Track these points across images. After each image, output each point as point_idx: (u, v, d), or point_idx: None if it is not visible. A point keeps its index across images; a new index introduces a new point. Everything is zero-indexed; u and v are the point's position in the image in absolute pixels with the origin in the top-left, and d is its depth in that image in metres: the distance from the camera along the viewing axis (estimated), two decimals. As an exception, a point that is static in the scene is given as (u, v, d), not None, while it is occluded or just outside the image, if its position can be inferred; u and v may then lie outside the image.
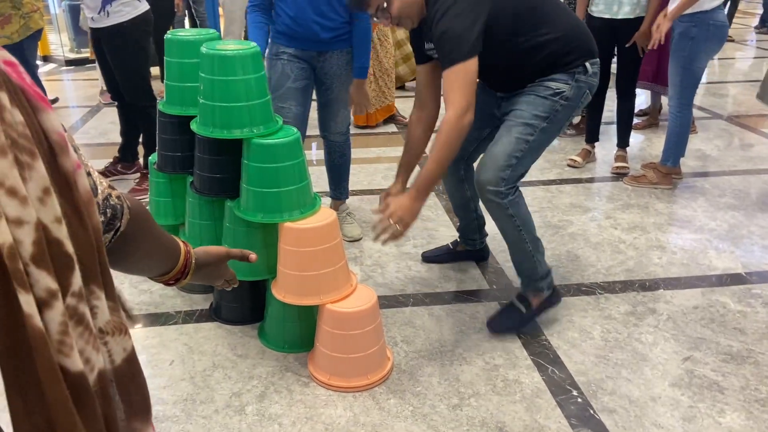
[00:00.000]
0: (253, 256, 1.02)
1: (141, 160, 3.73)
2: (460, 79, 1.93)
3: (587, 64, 2.09)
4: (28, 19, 3.14)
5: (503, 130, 2.12)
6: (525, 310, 2.27)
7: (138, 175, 3.67)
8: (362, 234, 3.03)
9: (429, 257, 2.83)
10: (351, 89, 2.79)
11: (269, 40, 2.78)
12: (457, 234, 2.82)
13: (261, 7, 2.66)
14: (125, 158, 3.76)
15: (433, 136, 2.19)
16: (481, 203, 2.38)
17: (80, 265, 0.48)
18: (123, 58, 3.31)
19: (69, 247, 0.47)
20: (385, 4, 2.02)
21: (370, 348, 2.03)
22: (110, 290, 0.54)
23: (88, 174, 0.60)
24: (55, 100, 5.32)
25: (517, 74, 2.14)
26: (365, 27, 2.69)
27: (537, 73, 2.11)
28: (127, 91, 3.41)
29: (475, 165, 2.30)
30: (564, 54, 2.07)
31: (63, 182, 0.49)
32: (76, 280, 0.48)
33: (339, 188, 3.12)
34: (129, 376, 0.57)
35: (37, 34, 3.24)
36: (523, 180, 2.21)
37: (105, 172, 3.74)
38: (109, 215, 0.68)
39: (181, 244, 0.90)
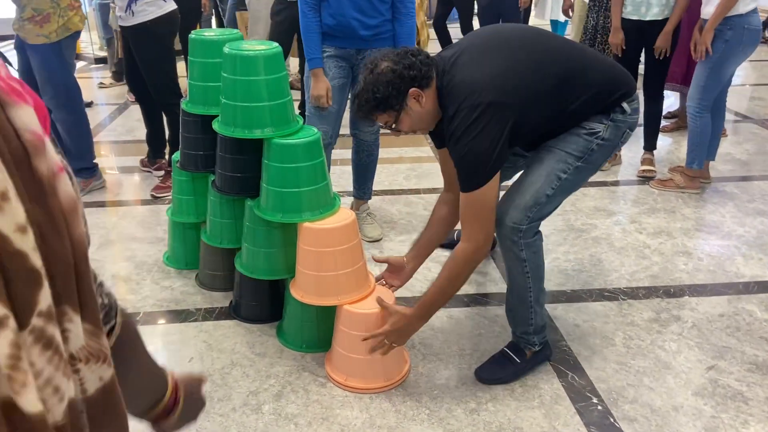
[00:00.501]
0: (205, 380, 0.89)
1: (166, 158, 3.78)
2: (478, 209, 1.77)
3: (624, 105, 1.88)
4: (66, 20, 3.18)
5: (534, 163, 1.93)
6: (519, 360, 2.07)
7: (162, 172, 3.72)
8: (382, 234, 3.02)
9: (446, 244, 2.80)
10: None
11: None
12: None
13: (314, 7, 2.61)
14: (156, 153, 3.85)
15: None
16: None
17: (51, 282, 0.43)
18: (147, 57, 3.36)
19: (36, 261, 0.41)
20: (393, 125, 1.85)
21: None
22: (90, 312, 0.48)
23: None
24: (89, 104, 5.33)
25: (552, 134, 1.92)
26: (409, 27, 2.62)
27: (572, 126, 1.90)
28: (153, 88, 3.47)
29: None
30: (600, 104, 1.87)
31: (37, 187, 0.43)
32: (45, 299, 0.42)
33: (363, 188, 3.11)
34: (102, 408, 0.50)
35: (76, 35, 3.30)
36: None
37: (168, 186, 3.72)
38: (105, 302, 0.60)
39: (167, 370, 0.76)
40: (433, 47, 5.08)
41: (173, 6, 3.35)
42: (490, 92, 1.72)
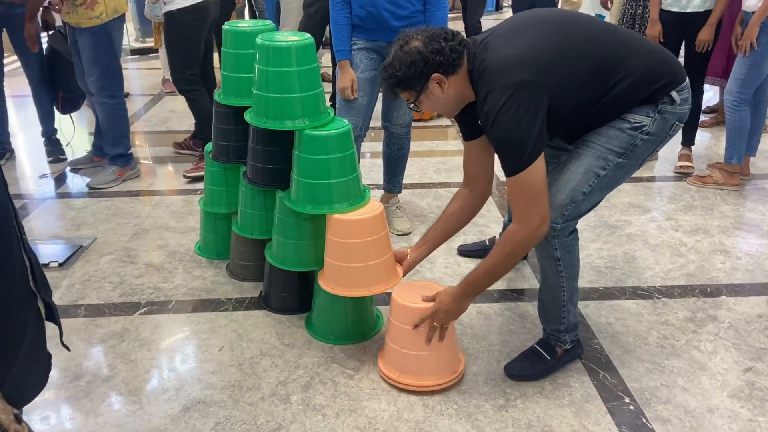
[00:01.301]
0: None
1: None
2: (526, 191, 1.69)
3: (674, 94, 1.77)
4: (113, 0, 3.26)
5: (572, 159, 1.85)
6: (549, 357, 2.04)
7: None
8: (412, 228, 3.00)
9: (464, 251, 2.80)
10: None
11: None
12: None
13: (345, 1, 2.61)
14: (195, 134, 4.01)
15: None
16: None
17: None
18: (170, 45, 3.56)
19: None
20: (411, 105, 1.83)
21: (443, 348, 1.96)
22: None
23: None
24: (126, 95, 5.40)
25: (593, 125, 1.84)
26: (441, 17, 2.57)
27: (614, 116, 1.81)
28: (172, 76, 3.68)
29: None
30: (643, 91, 1.77)
31: None
32: None
33: (393, 181, 3.09)
34: None
35: (123, 18, 3.38)
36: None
37: (182, 145, 4.03)
38: None
39: None
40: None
41: None
42: (522, 71, 1.66)
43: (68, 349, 1.33)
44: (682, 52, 3.64)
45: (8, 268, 1.01)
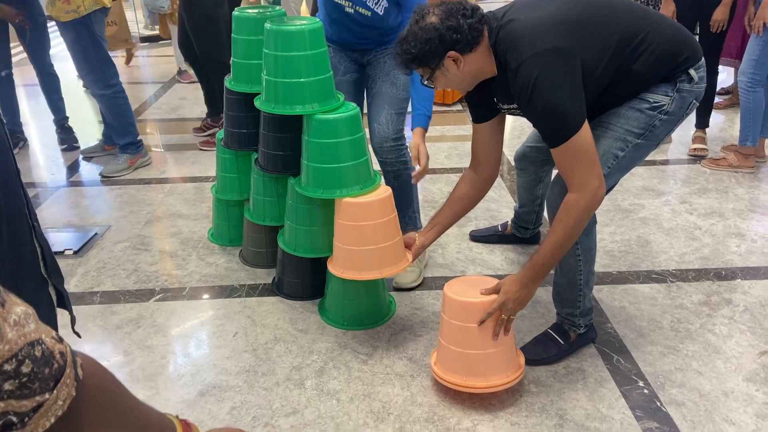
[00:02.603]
0: None
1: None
2: (579, 157, 1.64)
3: (692, 72, 1.76)
4: None
5: None
6: (563, 342, 2.03)
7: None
8: (417, 280, 2.47)
9: (476, 237, 2.79)
10: (411, 142, 2.23)
11: None
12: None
13: None
14: (210, 113, 4.12)
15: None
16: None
17: None
18: (194, 27, 3.69)
19: None
20: (425, 81, 1.79)
21: (508, 342, 1.86)
22: None
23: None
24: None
25: (612, 102, 1.82)
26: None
27: (633, 94, 1.79)
28: (201, 56, 3.82)
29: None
30: (664, 67, 1.75)
31: None
32: None
33: (404, 216, 2.44)
34: None
35: (105, 10, 3.34)
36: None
37: (202, 127, 4.11)
38: (22, 372, 0.54)
39: (176, 422, 0.70)
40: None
41: None
42: (552, 38, 1.63)
43: (79, 336, 1.34)
44: (696, 34, 3.59)
45: (19, 254, 1.02)
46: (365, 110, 2.47)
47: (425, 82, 1.80)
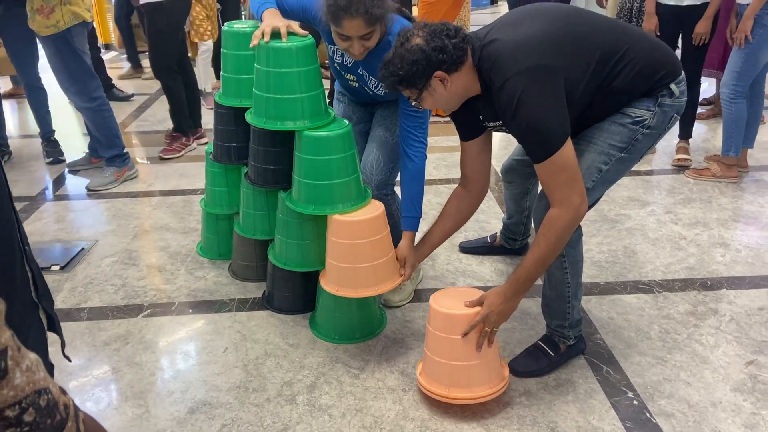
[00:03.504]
0: None
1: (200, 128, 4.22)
2: (561, 172, 1.66)
3: (672, 86, 1.79)
4: (72, 5, 3.21)
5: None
6: (553, 354, 2.04)
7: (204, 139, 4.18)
8: (407, 298, 2.47)
9: (466, 248, 2.80)
10: (399, 246, 2.15)
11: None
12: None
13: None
14: (183, 126, 4.14)
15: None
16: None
17: None
18: (154, 35, 3.76)
19: None
20: (413, 102, 1.80)
21: (491, 353, 1.88)
22: None
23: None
24: (131, 96, 5.41)
25: (595, 117, 1.84)
26: (417, 167, 2.12)
27: (616, 109, 1.82)
28: (151, 64, 3.91)
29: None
30: (645, 82, 1.78)
31: None
32: None
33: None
34: None
35: (85, 24, 3.33)
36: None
37: (174, 149, 4.09)
38: (25, 420, 0.54)
39: None
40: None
41: None
42: (535, 55, 1.65)
43: (69, 360, 1.33)
44: (679, 46, 3.65)
45: (10, 278, 1.01)
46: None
47: (413, 104, 1.81)
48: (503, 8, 10.19)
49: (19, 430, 0.54)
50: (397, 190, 2.29)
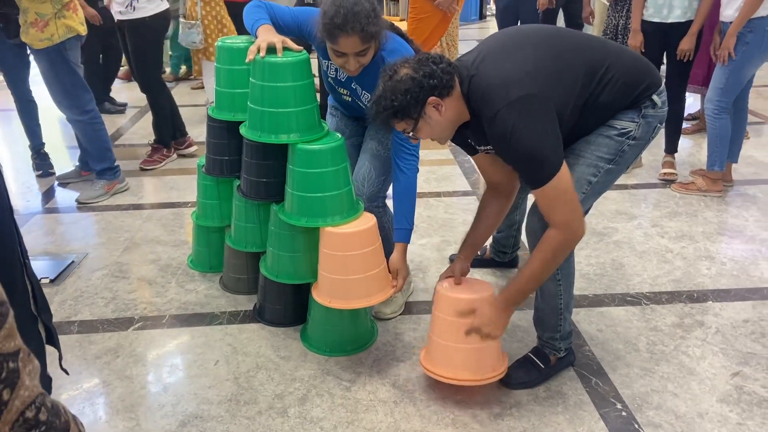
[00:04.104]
0: None
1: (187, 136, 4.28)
2: (559, 197, 1.69)
3: (654, 97, 1.83)
4: (65, 19, 3.22)
5: None
6: (543, 365, 2.07)
7: (195, 147, 4.23)
8: (397, 311, 2.49)
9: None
10: (391, 258, 2.17)
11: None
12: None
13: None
14: (165, 138, 4.20)
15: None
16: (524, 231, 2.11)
17: None
18: (140, 51, 3.81)
19: None
20: (410, 133, 1.80)
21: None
22: None
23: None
24: (124, 110, 5.43)
25: (582, 132, 1.87)
26: (408, 180, 2.12)
27: (602, 122, 1.85)
28: (139, 80, 3.95)
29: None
30: (628, 95, 1.82)
31: None
32: None
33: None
34: None
35: (79, 38, 3.34)
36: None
37: (155, 160, 4.14)
38: (41, 420, 0.57)
39: None
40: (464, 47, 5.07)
41: (167, 5, 3.80)
42: (524, 85, 1.68)
43: (67, 373, 1.33)
44: (664, 62, 3.71)
45: (11, 291, 1.02)
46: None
47: (410, 135, 1.81)
48: (491, 23, 10.31)
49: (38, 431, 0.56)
50: (389, 203, 2.32)
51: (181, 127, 4.25)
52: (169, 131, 4.16)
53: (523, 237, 2.51)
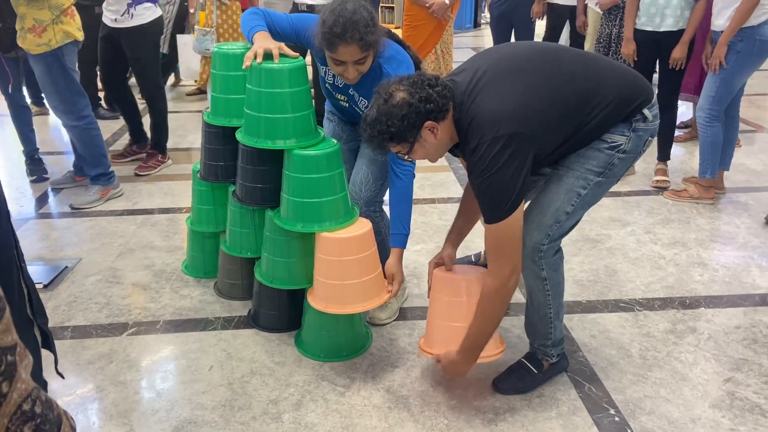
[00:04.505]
0: None
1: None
2: (503, 242, 1.73)
3: (645, 111, 1.82)
4: (63, 25, 3.22)
5: (553, 180, 1.89)
6: (536, 371, 2.08)
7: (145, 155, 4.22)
8: (390, 317, 2.49)
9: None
10: (387, 262, 2.18)
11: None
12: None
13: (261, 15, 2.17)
14: (138, 140, 4.30)
15: None
16: None
17: None
18: (142, 55, 3.85)
19: None
20: (406, 156, 1.81)
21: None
22: None
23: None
24: (118, 115, 5.44)
25: (571, 149, 1.87)
26: (405, 185, 2.14)
27: (592, 140, 1.84)
28: (143, 83, 4.01)
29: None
30: (619, 115, 1.81)
31: None
32: None
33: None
34: None
35: (76, 43, 3.34)
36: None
37: (124, 153, 4.27)
38: (36, 412, 0.58)
39: None
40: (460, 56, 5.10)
41: (160, 12, 3.89)
42: (512, 124, 1.68)
43: (62, 377, 1.33)
44: (656, 70, 3.75)
45: (7, 295, 1.03)
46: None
47: (405, 158, 1.82)
48: (486, 31, 10.37)
49: (35, 424, 0.57)
50: (386, 208, 2.33)
51: (144, 133, 4.31)
52: (166, 137, 4.16)
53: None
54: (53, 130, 5.06)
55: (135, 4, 3.67)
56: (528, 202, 1.97)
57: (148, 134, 4.25)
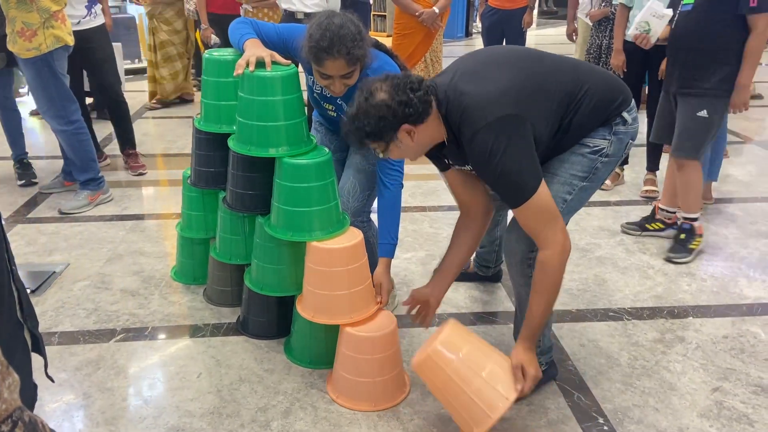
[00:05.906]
0: None
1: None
2: (540, 215, 1.71)
3: (625, 114, 1.86)
4: (53, 29, 3.21)
5: None
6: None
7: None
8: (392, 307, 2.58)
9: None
10: (375, 271, 2.18)
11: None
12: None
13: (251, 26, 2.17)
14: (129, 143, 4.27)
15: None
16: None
17: None
18: (109, 56, 3.99)
19: None
20: (381, 155, 1.81)
21: (386, 374, 2.04)
22: None
23: None
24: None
25: (556, 151, 1.90)
26: (393, 195, 2.16)
27: (575, 141, 1.88)
28: (113, 81, 4.01)
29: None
30: (600, 114, 1.85)
31: None
32: None
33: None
34: None
35: (67, 48, 3.33)
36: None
37: (141, 164, 4.23)
38: None
39: None
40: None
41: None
42: (502, 106, 1.69)
43: (52, 381, 1.32)
44: (646, 82, 3.78)
45: None
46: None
47: (380, 156, 1.82)
48: (477, 40, 10.44)
49: None
50: (374, 217, 2.33)
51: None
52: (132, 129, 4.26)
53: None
54: (43, 134, 5.03)
55: (92, 5, 3.78)
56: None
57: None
